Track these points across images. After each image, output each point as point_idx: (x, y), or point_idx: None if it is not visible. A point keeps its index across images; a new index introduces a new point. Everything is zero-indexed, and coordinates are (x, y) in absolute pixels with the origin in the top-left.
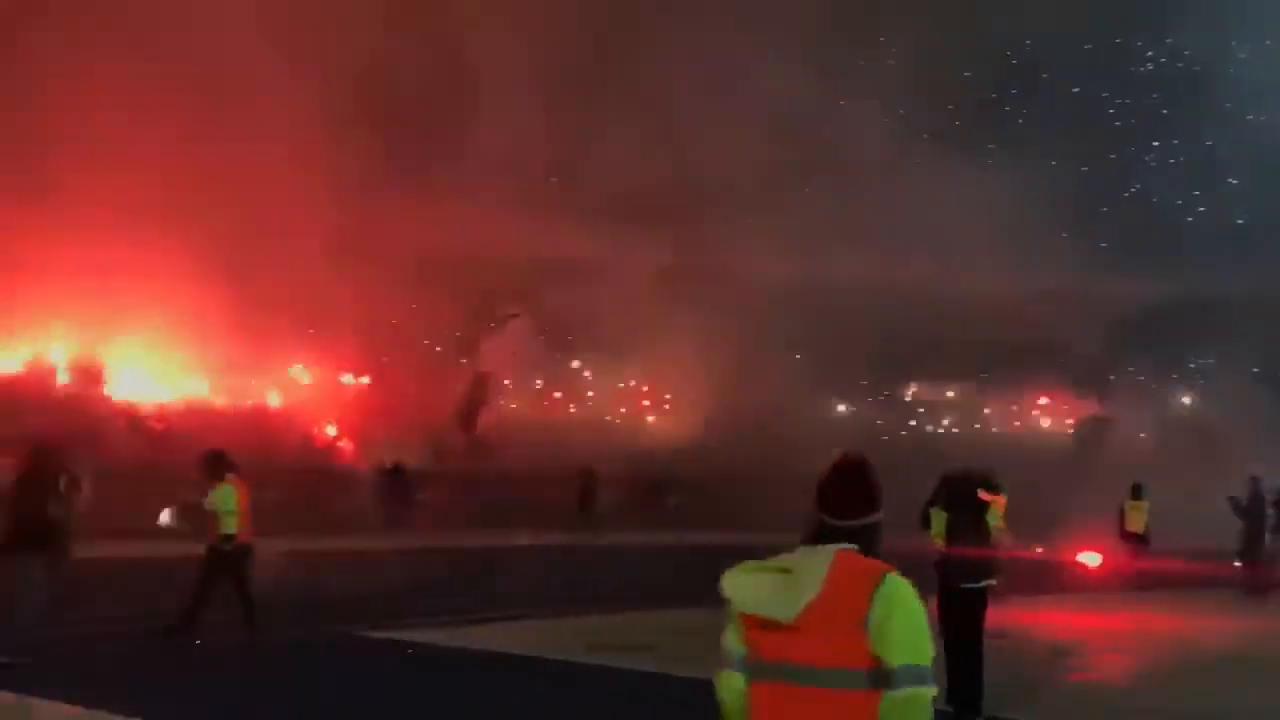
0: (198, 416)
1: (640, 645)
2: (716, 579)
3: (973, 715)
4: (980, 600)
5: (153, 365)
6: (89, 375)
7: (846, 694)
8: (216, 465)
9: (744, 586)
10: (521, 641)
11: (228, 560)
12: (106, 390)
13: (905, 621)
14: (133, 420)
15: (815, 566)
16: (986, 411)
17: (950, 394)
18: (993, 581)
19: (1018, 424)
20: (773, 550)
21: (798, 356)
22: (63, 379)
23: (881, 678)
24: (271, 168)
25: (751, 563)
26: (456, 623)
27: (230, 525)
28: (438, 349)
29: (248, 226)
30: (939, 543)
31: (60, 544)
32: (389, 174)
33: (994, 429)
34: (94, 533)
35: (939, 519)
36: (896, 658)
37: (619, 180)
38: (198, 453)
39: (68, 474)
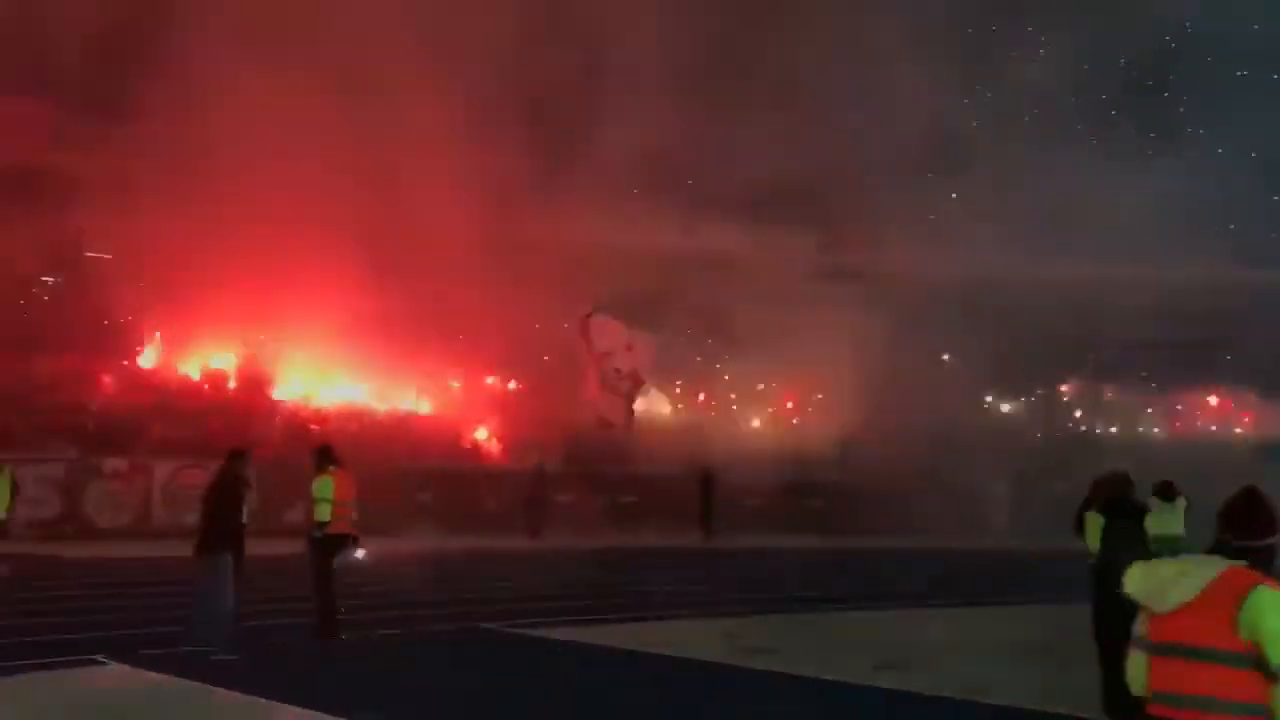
0: (354, 420)
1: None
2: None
3: None
4: None
5: (313, 373)
6: (255, 382)
7: (1223, 669)
8: (322, 458)
9: (1137, 580)
10: (661, 640)
11: (321, 547)
12: (273, 395)
13: (1275, 625)
14: (292, 424)
15: (1202, 574)
16: (1149, 411)
17: (1109, 395)
18: None
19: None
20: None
21: (946, 357)
22: (232, 385)
23: (1263, 667)
24: (418, 171)
25: (1156, 561)
26: (589, 621)
27: (324, 513)
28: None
29: (397, 231)
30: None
31: (243, 544)
32: (531, 174)
33: (1155, 430)
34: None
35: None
36: (1274, 658)
37: (764, 176)
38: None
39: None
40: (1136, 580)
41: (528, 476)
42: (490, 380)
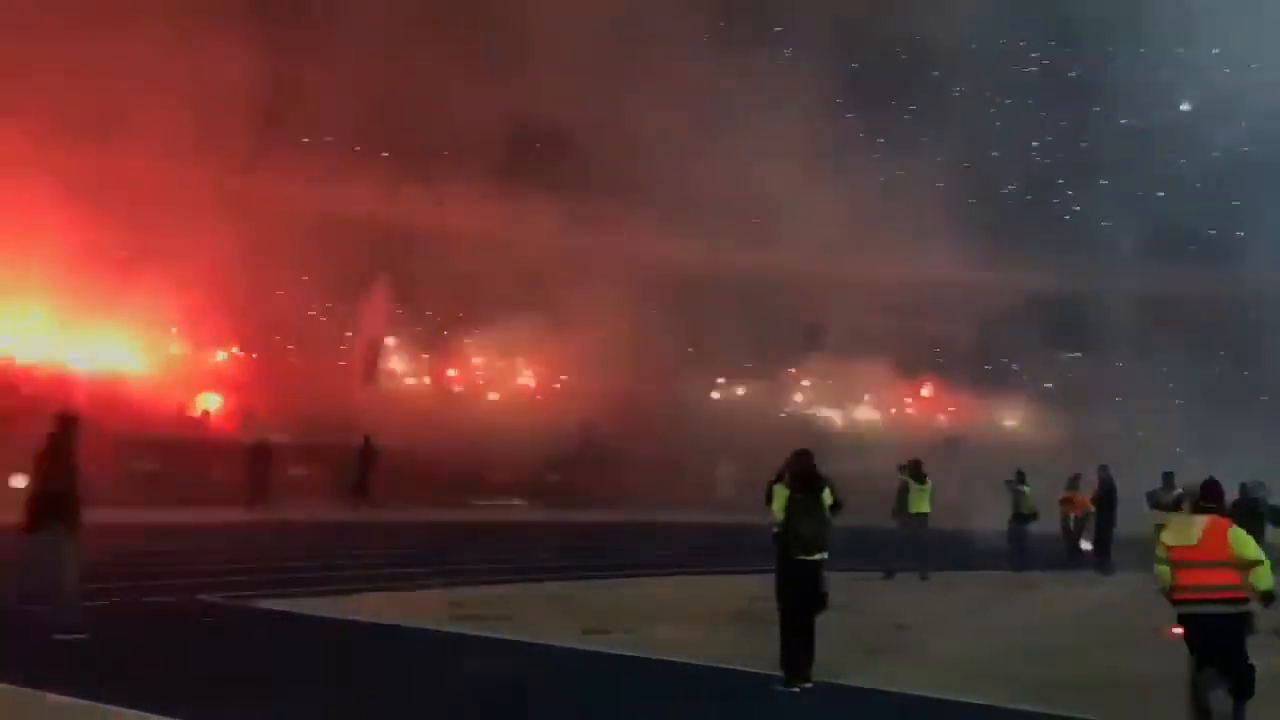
0: (59, 382)
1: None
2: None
3: None
4: None
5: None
6: None
7: (1222, 569)
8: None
9: (1172, 531)
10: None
11: None
12: None
13: (1246, 543)
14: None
15: (1201, 522)
16: (867, 398)
17: (830, 381)
18: None
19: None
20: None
21: (691, 350)
22: None
23: (1244, 565)
24: (143, 120)
25: (1173, 517)
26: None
27: None
28: (323, 319)
29: (117, 180)
30: None
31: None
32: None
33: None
34: None
35: None
36: (1249, 555)
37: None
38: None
39: None
40: (1172, 531)
41: (252, 449)
42: (234, 351)
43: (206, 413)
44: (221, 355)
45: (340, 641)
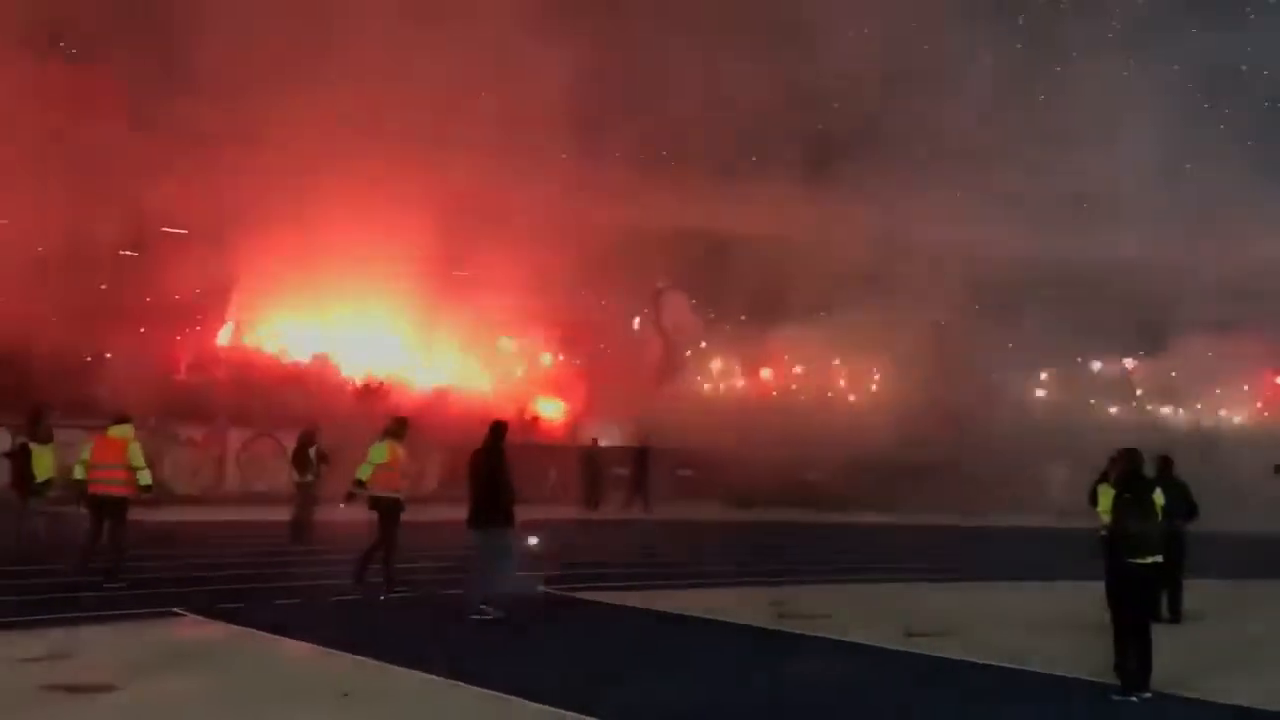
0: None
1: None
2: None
3: None
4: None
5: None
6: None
7: None
8: (390, 426)
9: None
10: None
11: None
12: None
13: None
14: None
15: None
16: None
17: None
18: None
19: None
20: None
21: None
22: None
23: None
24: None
25: None
26: (641, 588)
27: (364, 472)
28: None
29: (463, 207)
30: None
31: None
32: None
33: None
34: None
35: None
36: None
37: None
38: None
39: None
40: None
41: (585, 451)
42: (559, 359)
43: (536, 417)
44: (547, 360)
45: (672, 635)
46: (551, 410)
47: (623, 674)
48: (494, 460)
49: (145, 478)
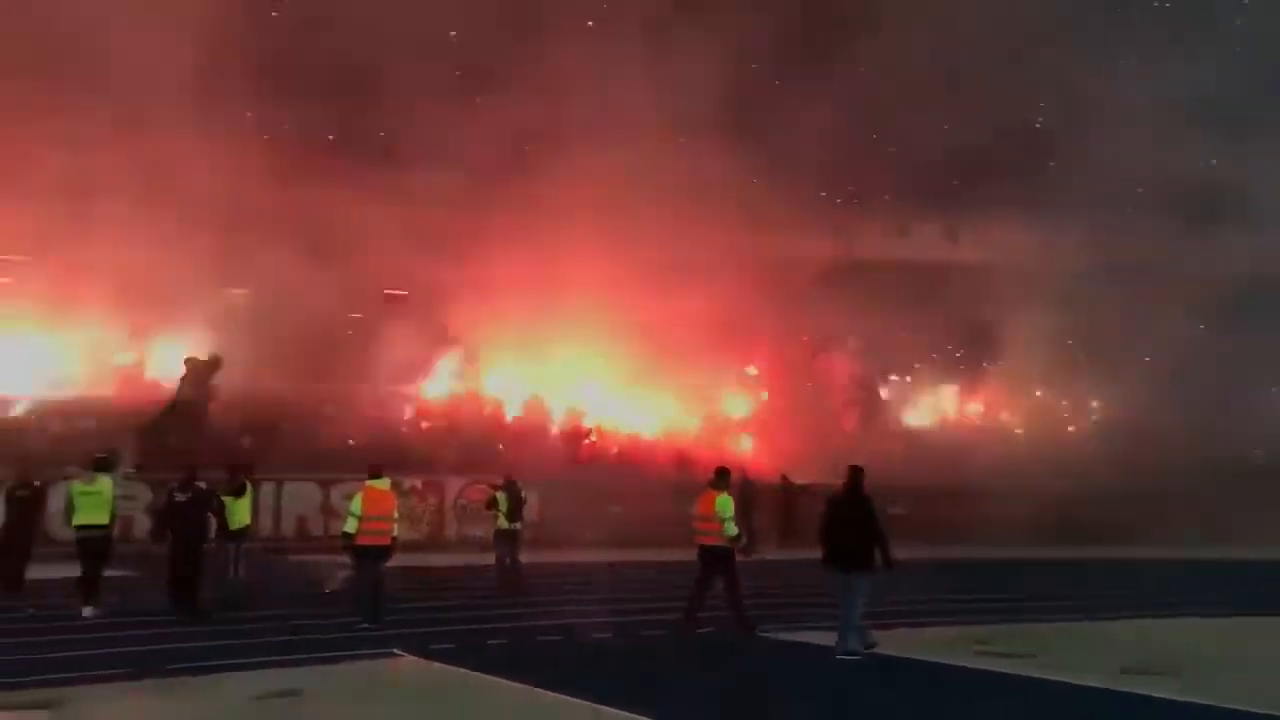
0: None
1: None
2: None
3: None
4: None
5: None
6: (537, 404)
7: None
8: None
9: None
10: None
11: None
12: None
13: None
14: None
15: None
16: None
17: None
18: None
19: None
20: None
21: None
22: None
23: None
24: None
25: None
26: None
27: (730, 526)
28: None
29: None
30: None
31: None
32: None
33: None
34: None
35: None
36: None
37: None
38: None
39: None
40: None
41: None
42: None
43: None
44: (744, 402)
45: (876, 676)
46: (751, 448)
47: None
48: (860, 505)
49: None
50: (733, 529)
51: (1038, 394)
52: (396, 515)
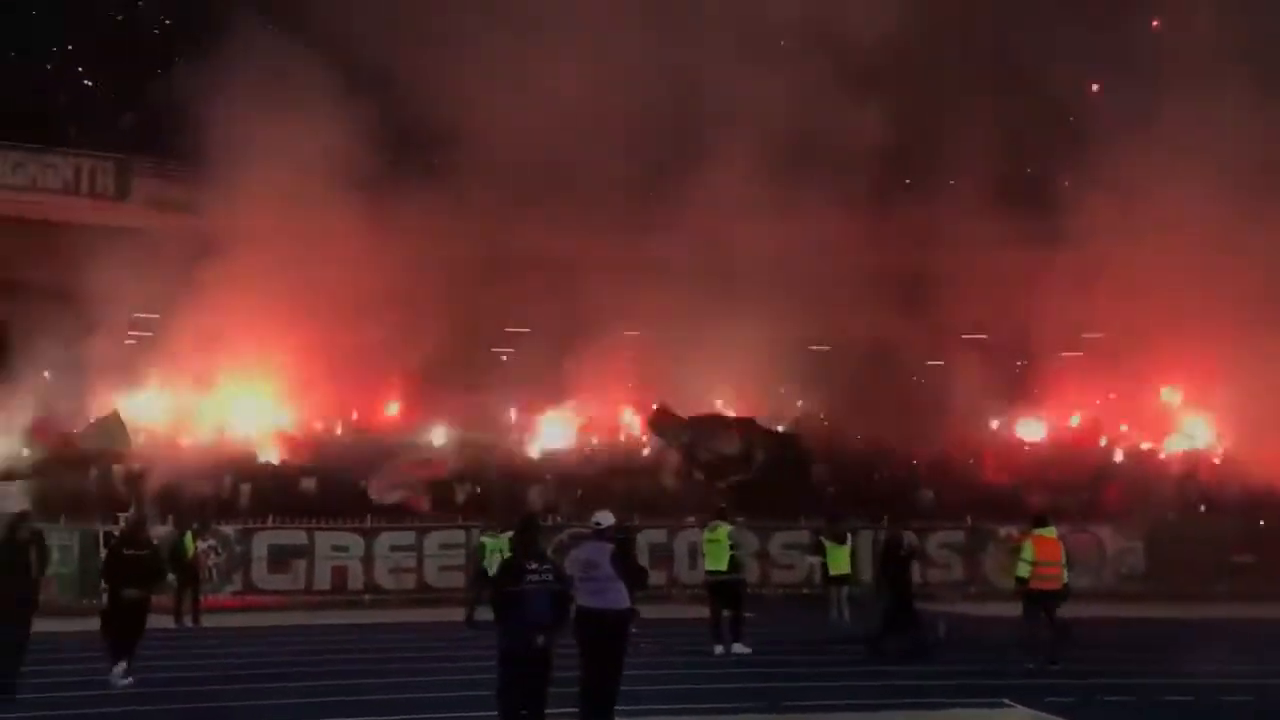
0: None
1: None
2: None
3: None
4: None
5: None
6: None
7: None
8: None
9: None
10: None
11: None
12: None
13: None
14: None
15: None
16: None
17: None
18: None
19: None
20: None
21: None
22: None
23: None
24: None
25: None
26: None
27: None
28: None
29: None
30: None
31: None
32: None
33: None
34: None
35: None
36: None
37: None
38: None
39: None
40: None
41: None
42: None
43: None
44: None
45: None
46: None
47: None
48: None
49: (1064, 575)
50: None
51: None
52: (1064, 561)
